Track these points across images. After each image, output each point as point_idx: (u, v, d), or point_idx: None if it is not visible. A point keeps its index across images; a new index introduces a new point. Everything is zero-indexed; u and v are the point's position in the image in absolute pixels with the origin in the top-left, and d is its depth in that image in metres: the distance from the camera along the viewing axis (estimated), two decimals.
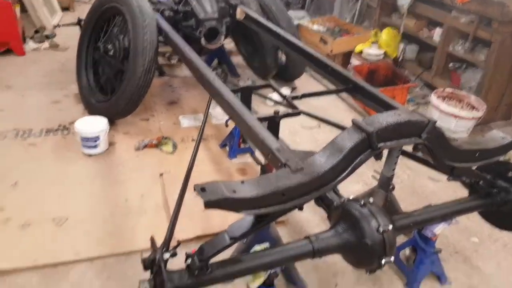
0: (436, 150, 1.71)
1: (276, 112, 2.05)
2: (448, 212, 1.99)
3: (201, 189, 1.32)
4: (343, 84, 2.51)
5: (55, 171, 2.84)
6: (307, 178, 1.48)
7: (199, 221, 2.45)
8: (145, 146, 3.16)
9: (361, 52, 4.44)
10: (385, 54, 4.43)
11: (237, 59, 4.74)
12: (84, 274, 2.11)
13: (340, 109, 4.10)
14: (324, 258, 2.16)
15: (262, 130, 1.81)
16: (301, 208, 1.63)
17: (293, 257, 1.66)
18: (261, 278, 1.68)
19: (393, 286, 2.23)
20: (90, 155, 3.03)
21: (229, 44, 4.70)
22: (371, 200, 1.69)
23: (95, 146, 3.01)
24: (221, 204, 1.32)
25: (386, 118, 1.57)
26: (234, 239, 1.52)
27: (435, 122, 1.63)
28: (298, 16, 5.36)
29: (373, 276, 2.28)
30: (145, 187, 2.77)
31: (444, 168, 1.81)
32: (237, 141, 3.13)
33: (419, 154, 1.79)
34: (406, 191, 2.98)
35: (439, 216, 1.97)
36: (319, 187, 1.52)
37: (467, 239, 2.57)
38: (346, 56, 4.72)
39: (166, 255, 1.51)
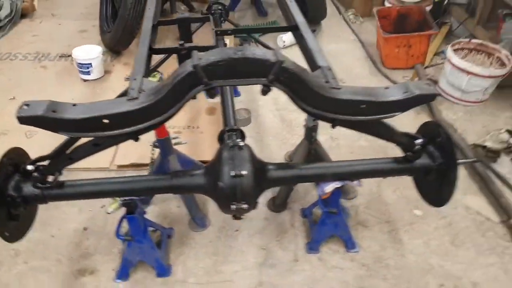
0: (297, 96, 1.52)
1: (181, 44, 1.96)
2: (350, 171, 1.79)
3: (26, 105, 1.40)
4: (290, 23, 2.29)
5: (52, 91, 3.22)
6: (129, 109, 1.46)
7: (144, 150, 2.59)
8: None
9: None
10: None
11: None
12: None
13: (354, 57, 3.72)
14: None
15: (140, 59, 1.80)
16: (136, 139, 1.64)
17: (149, 189, 1.73)
18: (116, 203, 1.78)
19: (295, 242, 2.14)
20: (85, 80, 3.35)
21: None
22: (241, 143, 1.64)
23: (88, 72, 3.30)
24: (35, 122, 1.38)
25: (222, 53, 1.43)
26: (71, 160, 1.62)
27: (282, 62, 1.42)
28: None
29: (279, 228, 2.22)
30: None
31: (322, 118, 1.60)
32: None
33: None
34: (374, 147, 2.68)
35: (330, 173, 1.78)
36: (143, 121, 1.50)
37: (410, 211, 2.28)
38: None
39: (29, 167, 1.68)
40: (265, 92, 1.52)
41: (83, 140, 1.55)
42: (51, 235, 2.23)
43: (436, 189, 1.80)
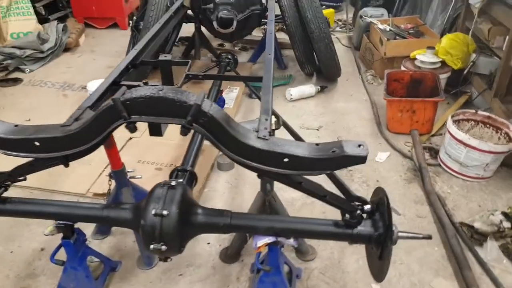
0: (217, 140, 1.50)
1: (145, 82, 2.05)
2: (283, 228, 1.70)
3: None
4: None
5: (63, 117, 3.41)
6: (56, 134, 1.54)
7: None
8: None
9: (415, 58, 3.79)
10: (444, 63, 3.67)
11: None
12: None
13: (359, 117, 3.63)
14: (190, 249, 2.18)
15: (96, 91, 1.90)
16: (66, 165, 1.69)
17: (81, 217, 1.76)
18: (50, 227, 1.82)
19: None
20: None
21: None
22: (173, 183, 1.64)
23: None
24: None
25: (143, 90, 1.48)
26: (10, 176, 1.70)
27: (199, 105, 1.43)
28: (375, 14, 4.84)
29: (223, 280, 2.13)
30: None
31: (247, 167, 1.57)
32: None
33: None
34: None
35: (263, 227, 1.70)
36: (69, 147, 1.55)
37: (367, 284, 2.08)
38: None
39: None
40: (184, 132, 1.52)
41: None
42: (11, 250, 2.31)
43: (376, 261, 1.65)
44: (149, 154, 3.00)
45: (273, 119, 1.92)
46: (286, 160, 1.49)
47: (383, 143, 3.22)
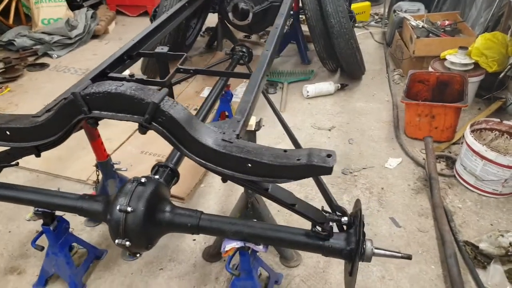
0: (177, 141, 1.46)
1: (131, 75, 2.05)
2: (251, 233, 1.63)
3: None
4: None
5: None
6: (25, 125, 1.56)
7: None
8: None
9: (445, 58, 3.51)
10: (477, 65, 3.36)
11: None
12: (18, 178, 2.74)
13: (377, 119, 3.43)
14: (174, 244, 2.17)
15: (80, 82, 1.90)
16: (37, 155, 1.71)
17: (56, 205, 1.79)
18: (30, 213, 1.86)
19: None
20: None
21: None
22: (143, 180, 1.63)
23: None
24: None
25: (103, 85, 1.45)
26: None
27: (157, 104, 1.39)
28: (411, 9, 4.54)
29: (202, 278, 2.10)
30: (118, 137, 3.17)
31: (210, 169, 1.51)
32: (218, 117, 3.15)
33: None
34: None
35: (231, 231, 1.64)
36: (37, 138, 1.57)
37: None
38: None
39: None
40: (142, 130, 1.48)
41: None
42: (9, 230, 2.41)
43: (348, 277, 1.56)
44: (152, 146, 3.01)
45: (254, 120, 1.84)
46: (249, 165, 1.42)
47: (397, 149, 3.02)
